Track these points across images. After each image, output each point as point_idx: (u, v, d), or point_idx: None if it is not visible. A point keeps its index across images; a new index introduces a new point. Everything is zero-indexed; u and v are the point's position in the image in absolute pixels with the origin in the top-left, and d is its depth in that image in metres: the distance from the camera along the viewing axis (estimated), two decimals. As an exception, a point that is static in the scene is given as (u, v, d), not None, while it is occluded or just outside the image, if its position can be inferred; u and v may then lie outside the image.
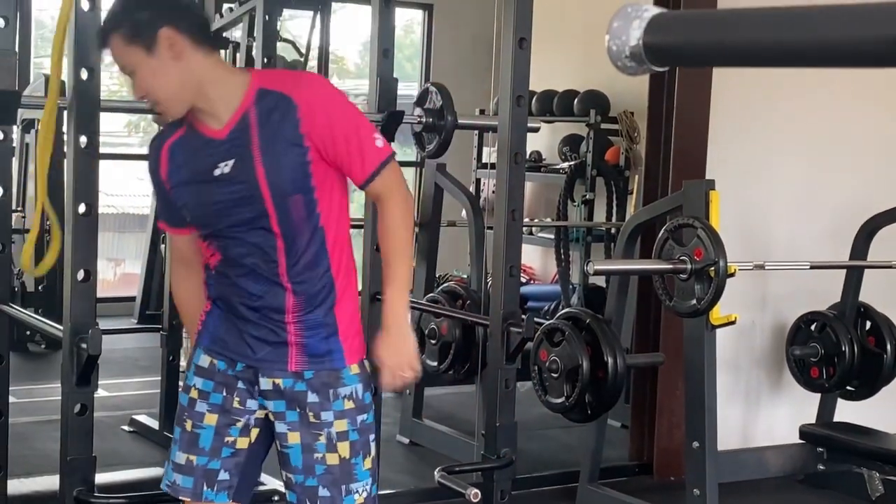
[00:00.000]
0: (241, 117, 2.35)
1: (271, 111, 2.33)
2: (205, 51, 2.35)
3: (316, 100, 2.33)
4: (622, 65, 0.97)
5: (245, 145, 2.34)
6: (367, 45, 4.94)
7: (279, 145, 2.32)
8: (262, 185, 2.33)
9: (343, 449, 2.42)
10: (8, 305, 3.47)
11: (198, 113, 2.37)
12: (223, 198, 2.36)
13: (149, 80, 2.31)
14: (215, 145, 2.36)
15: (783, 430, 4.94)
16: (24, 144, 6.64)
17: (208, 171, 2.36)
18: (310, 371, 2.41)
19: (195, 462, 2.48)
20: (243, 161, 2.34)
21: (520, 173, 3.63)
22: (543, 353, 3.89)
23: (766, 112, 4.93)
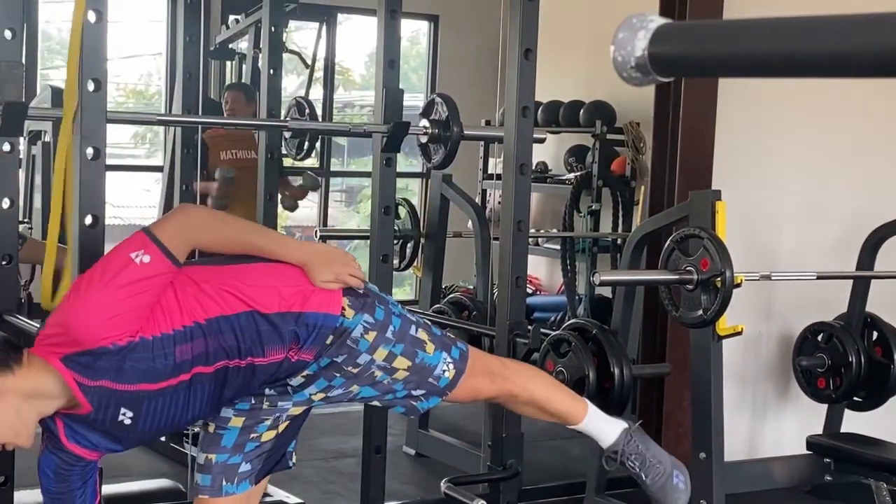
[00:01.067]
0: (81, 390, 2.29)
1: (92, 365, 2.28)
2: (7, 371, 2.29)
3: (90, 327, 2.26)
4: (628, 75, 0.97)
5: (115, 395, 2.31)
6: (373, 55, 4.94)
7: (126, 369, 2.29)
8: (158, 386, 2.32)
9: (401, 363, 2.49)
10: (14, 317, 3.47)
11: (54, 413, 2.35)
12: (157, 422, 2.37)
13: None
14: (97, 415, 2.34)
15: (790, 440, 4.93)
16: (30, 156, 6.66)
17: (119, 425, 2.35)
18: (325, 349, 2.43)
19: (214, 460, 2.51)
20: (131, 399, 2.32)
21: (526, 184, 3.63)
22: (550, 364, 3.88)
23: (772, 122, 4.93)
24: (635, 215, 6.53)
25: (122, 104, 8.84)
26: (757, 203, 4.87)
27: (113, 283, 2.26)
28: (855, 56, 0.84)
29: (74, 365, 2.27)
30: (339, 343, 2.42)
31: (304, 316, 2.40)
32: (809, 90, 4.83)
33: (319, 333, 2.41)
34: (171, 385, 2.32)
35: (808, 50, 0.87)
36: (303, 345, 2.40)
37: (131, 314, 2.26)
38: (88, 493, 2.48)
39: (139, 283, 2.26)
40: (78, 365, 2.27)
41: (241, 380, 2.37)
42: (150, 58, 8.87)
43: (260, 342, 2.35)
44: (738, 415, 4.87)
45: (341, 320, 2.43)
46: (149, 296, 2.28)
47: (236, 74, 7.86)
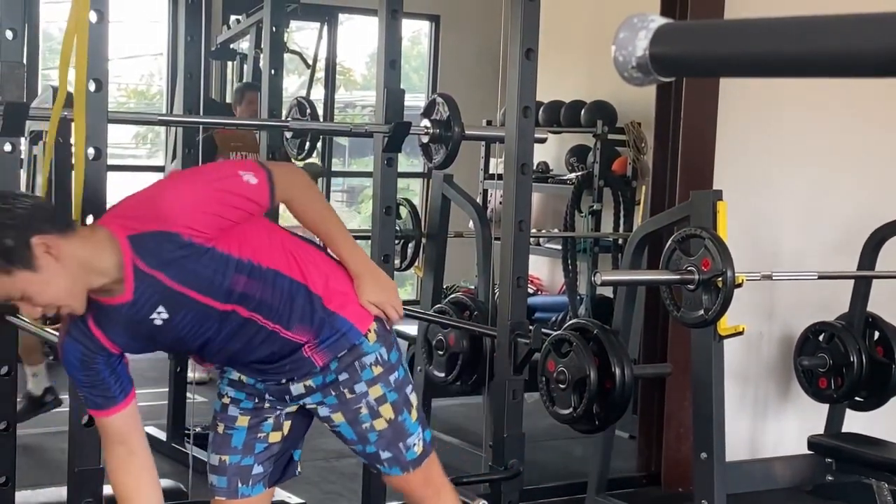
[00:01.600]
0: (133, 274, 2.30)
1: (159, 251, 2.29)
2: (70, 232, 2.31)
3: (179, 208, 2.29)
4: (629, 75, 0.97)
5: (158, 290, 2.32)
6: (374, 56, 4.95)
7: (187, 268, 2.30)
8: (203, 300, 2.34)
9: (386, 411, 2.53)
10: (15, 317, 3.47)
11: (95, 293, 2.34)
12: (180, 333, 2.38)
13: (45, 293, 2.27)
14: (130, 307, 2.33)
15: (791, 440, 4.93)
16: (31, 156, 6.66)
17: (148, 324, 2.36)
18: (334, 361, 2.48)
19: (228, 461, 2.56)
20: (173, 300, 2.33)
21: (527, 184, 3.63)
22: (551, 364, 3.88)
23: (773, 122, 4.93)
24: (636, 215, 6.53)
25: (123, 104, 8.84)
26: (758, 203, 4.87)
27: (215, 183, 2.34)
28: (856, 56, 0.84)
29: (138, 246, 2.29)
30: (349, 360, 2.49)
31: (336, 317, 2.48)
32: (810, 90, 4.83)
33: (339, 341, 2.48)
34: (210, 304, 2.35)
35: (810, 50, 0.87)
36: (320, 343, 2.46)
37: (217, 219, 2.30)
38: (123, 380, 2.48)
39: (237, 196, 2.32)
40: (141, 247, 2.29)
41: (260, 341, 2.42)
42: (152, 58, 8.88)
43: (292, 314, 2.41)
44: (740, 415, 4.87)
45: (362, 340, 2.50)
46: (238, 213, 2.33)
47: (237, 74, 7.86)
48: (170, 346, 2.54)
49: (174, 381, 4.88)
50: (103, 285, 2.32)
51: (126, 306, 2.34)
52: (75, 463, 2.96)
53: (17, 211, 2.24)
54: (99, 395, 2.46)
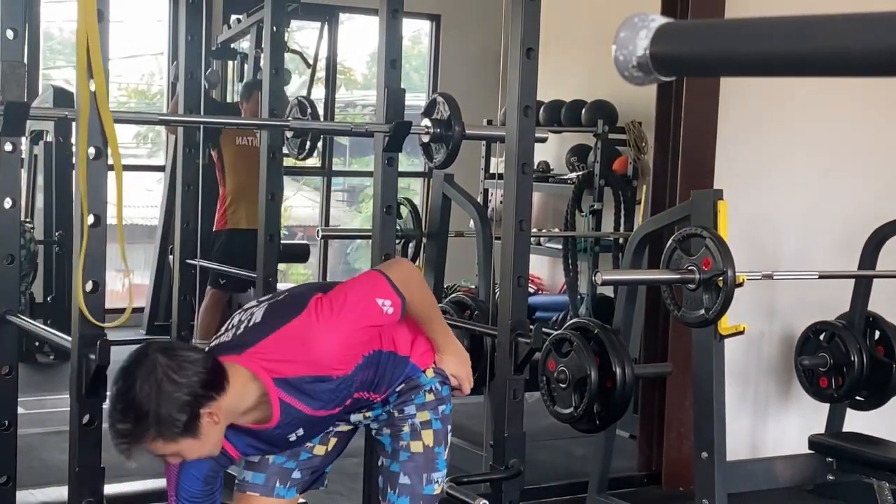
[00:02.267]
0: (280, 407, 2.37)
1: (308, 389, 2.36)
2: (223, 391, 2.31)
3: (332, 354, 2.36)
4: (629, 75, 0.97)
5: (302, 417, 2.41)
6: (375, 55, 4.94)
7: (325, 396, 2.40)
8: (332, 412, 2.45)
9: (427, 437, 2.60)
10: (16, 316, 3.47)
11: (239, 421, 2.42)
12: (306, 440, 2.54)
13: (196, 452, 2.32)
14: (275, 430, 2.42)
15: (792, 440, 4.93)
16: (32, 156, 6.67)
17: (284, 440, 2.47)
18: (394, 395, 2.60)
19: (271, 460, 2.60)
20: (312, 422, 2.44)
21: (527, 183, 3.63)
22: (552, 364, 3.88)
23: (774, 122, 4.93)
24: (637, 215, 6.53)
25: (123, 104, 8.84)
26: (759, 202, 4.87)
27: (361, 321, 2.39)
28: (857, 55, 0.84)
29: (282, 384, 2.34)
30: (405, 389, 2.59)
31: (409, 364, 2.60)
32: (811, 89, 4.83)
33: (402, 380, 2.59)
34: (338, 410, 2.47)
35: (811, 49, 0.87)
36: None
37: (359, 349, 2.42)
38: (217, 492, 2.58)
39: (377, 327, 2.44)
40: (286, 385, 2.34)
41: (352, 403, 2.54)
42: (152, 57, 8.88)
43: (383, 380, 2.55)
44: (740, 414, 4.87)
45: (420, 374, 2.61)
46: (373, 336, 2.47)
47: (238, 74, 7.86)
48: (284, 448, 2.59)
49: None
50: (250, 421, 2.41)
51: (268, 430, 2.43)
52: (76, 463, 2.96)
53: (192, 381, 2.24)
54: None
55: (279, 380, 2.34)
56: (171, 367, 2.24)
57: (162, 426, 2.21)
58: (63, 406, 3.25)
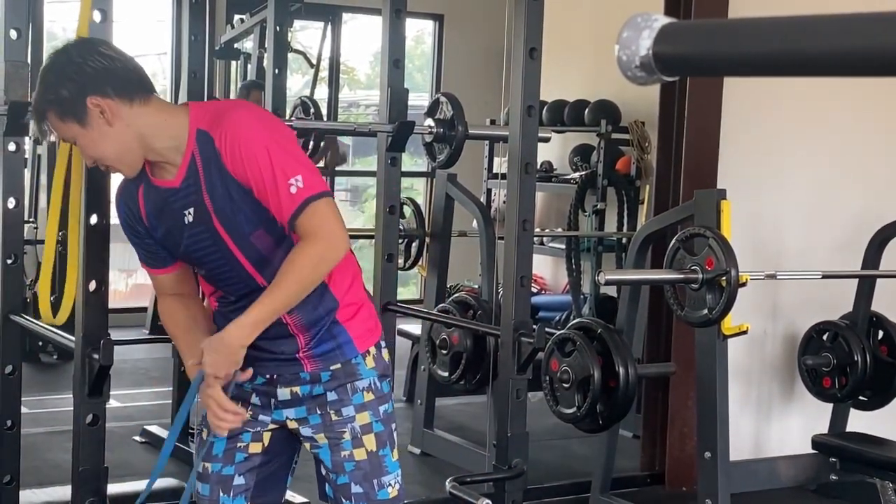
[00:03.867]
0: (189, 163, 2.32)
1: (211, 156, 2.30)
2: (139, 101, 2.32)
3: (229, 135, 2.27)
4: (632, 75, 0.97)
5: (197, 192, 2.32)
6: (378, 55, 4.94)
7: (223, 191, 2.29)
8: (219, 230, 2.32)
9: (369, 442, 2.45)
10: (20, 316, 3.47)
11: (151, 165, 2.37)
12: (194, 245, 2.37)
13: (92, 148, 2.33)
14: (173, 194, 2.35)
15: (795, 440, 4.93)
16: (35, 156, 6.67)
17: (179, 218, 2.36)
18: (325, 373, 2.41)
19: (210, 469, 2.49)
20: (199, 209, 2.33)
21: (530, 183, 3.63)
22: (555, 364, 3.88)
23: (777, 121, 4.92)
24: (640, 214, 6.53)
25: (127, 104, 8.83)
26: (762, 202, 4.86)
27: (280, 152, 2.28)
28: (862, 54, 0.83)
29: (202, 143, 2.30)
30: (341, 379, 2.42)
31: (338, 326, 2.41)
32: (815, 89, 4.83)
33: (334, 353, 2.41)
34: (226, 243, 2.34)
35: (815, 48, 0.86)
36: (314, 347, 2.40)
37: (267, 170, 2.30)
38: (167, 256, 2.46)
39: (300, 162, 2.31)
40: (205, 145, 2.30)
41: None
42: (156, 57, 8.88)
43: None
44: (744, 414, 4.87)
45: (359, 359, 2.43)
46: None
47: (241, 74, 7.86)
48: (185, 251, 2.40)
49: (178, 380, 4.88)
50: (157, 162, 2.35)
51: (169, 192, 2.35)
52: (79, 462, 2.96)
53: (86, 68, 2.29)
54: (146, 254, 2.47)
55: (202, 133, 2.29)
56: (85, 51, 2.34)
57: (50, 97, 2.29)
58: (66, 406, 3.26)
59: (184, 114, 2.34)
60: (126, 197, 2.44)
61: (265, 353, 2.40)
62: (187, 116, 2.33)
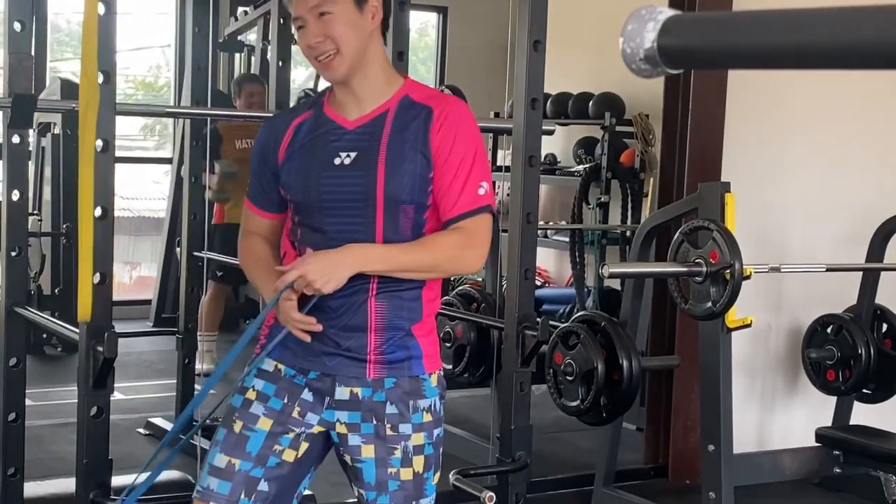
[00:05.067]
0: (378, 115, 2.31)
1: (411, 118, 2.29)
2: (383, 39, 2.37)
3: (451, 119, 2.29)
4: (636, 67, 0.97)
5: (373, 141, 2.28)
6: (382, 48, 4.93)
7: (407, 151, 2.27)
8: (378, 185, 2.26)
9: (418, 463, 2.35)
10: (24, 308, 3.48)
11: (340, 95, 2.35)
12: (334, 189, 2.28)
13: (343, 29, 2.26)
14: (341, 134, 2.32)
15: (799, 433, 4.93)
16: (39, 148, 6.68)
17: (328, 158, 2.30)
18: (390, 379, 2.31)
19: (237, 466, 2.32)
20: (367, 156, 2.27)
21: (535, 176, 3.63)
22: (558, 356, 3.88)
23: (782, 114, 4.92)
24: (644, 207, 6.53)
25: (131, 96, 8.85)
26: (766, 195, 4.86)
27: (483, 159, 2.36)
28: (870, 47, 0.83)
29: (403, 95, 2.33)
30: (405, 392, 2.32)
31: (413, 340, 2.34)
32: (820, 81, 4.82)
33: (403, 364, 2.32)
34: (376, 207, 2.28)
35: (821, 41, 0.86)
36: (386, 352, 2.31)
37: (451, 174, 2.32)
38: (280, 202, 2.40)
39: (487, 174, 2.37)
40: (404, 101, 2.32)
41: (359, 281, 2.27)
42: (160, 50, 8.88)
43: (400, 297, 2.32)
44: (747, 407, 4.87)
45: (427, 378, 2.36)
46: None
47: (245, 66, 7.86)
48: (318, 193, 2.29)
49: (182, 372, 4.88)
50: (346, 93, 2.33)
51: (336, 126, 2.33)
52: (83, 454, 2.97)
53: None
54: (259, 190, 2.42)
55: (407, 100, 2.32)
56: None
57: None
58: (71, 398, 3.26)
59: (399, 77, 2.38)
60: (276, 122, 2.42)
61: (329, 346, 2.30)
62: (401, 81, 2.36)
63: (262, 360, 2.37)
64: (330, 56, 2.27)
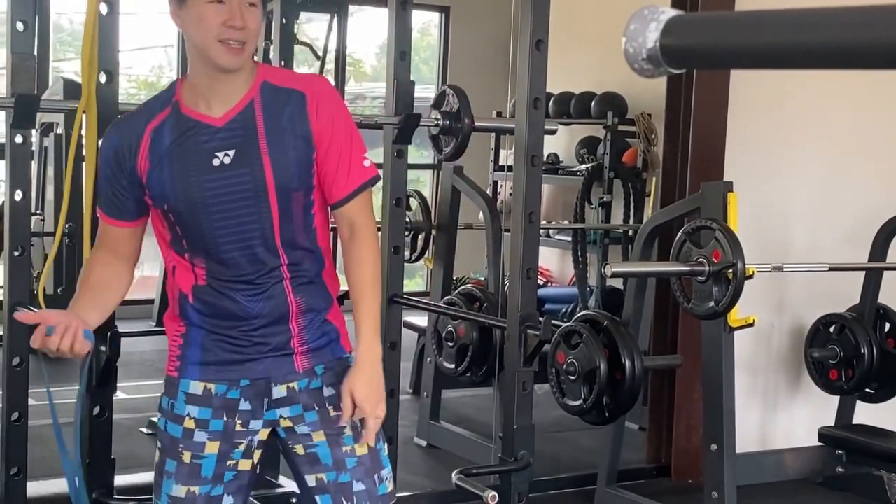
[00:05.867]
0: (244, 107, 2.25)
1: (281, 105, 2.24)
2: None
3: (324, 100, 2.27)
4: (639, 67, 0.97)
5: (249, 136, 2.22)
6: (384, 47, 4.94)
7: (287, 138, 2.23)
8: (267, 178, 2.22)
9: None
10: (27, 308, 3.48)
11: (204, 90, 2.25)
12: (220, 191, 2.22)
13: (258, 25, 2.24)
14: (211, 132, 2.23)
15: (802, 432, 4.93)
16: (42, 148, 6.68)
17: (205, 160, 2.22)
18: (319, 366, 2.33)
19: (197, 492, 2.32)
20: (247, 152, 2.22)
21: (537, 175, 3.63)
22: (561, 356, 3.88)
23: (784, 113, 4.91)
24: (647, 207, 6.52)
25: (133, 96, 8.86)
26: (769, 194, 4.86)
27: (357, 131, 2.35)
28: (871, 47, 0.83)
29: (266, 90, 2.27)
30: (337, 373, 2.33)
31: (329, 325, 2.35)
32: (822, 81, 4.82)
33: (325, 350, 2.34)
34: (268, 195, 2.24)
35: (823, 41, 0.86)
36: (308, 342, 2.32)
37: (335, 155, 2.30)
38: (137, 207, 2.31)
39: (359, 148, 2.33)
40: (270, 92, 2.27)
41: (263, 271, 2.27)
42: (162, 49, 8.88)
43: (305, 282, 2.31)
44: (750, 406, 4.87)
45: (349, 356, 2.36)
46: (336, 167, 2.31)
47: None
48: (202, 197, 2.22)
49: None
50: (204, 90, 2.25)
51: (204, 127, 2.24)
52: (86, 454, 2.97)
53: None
54: (112, 199, 2.32)
55: (268, 85, 2.26)
56: None
57: None
58: (74, 398, 3.26)
59: (251, 63, 2.30)
60: (126, 129, 2.29)
61: (252, 351, 2.30)
62: (254, 67, 2.29)
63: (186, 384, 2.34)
64: (240, 46, 2.20)
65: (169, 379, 2.37)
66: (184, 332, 2.33)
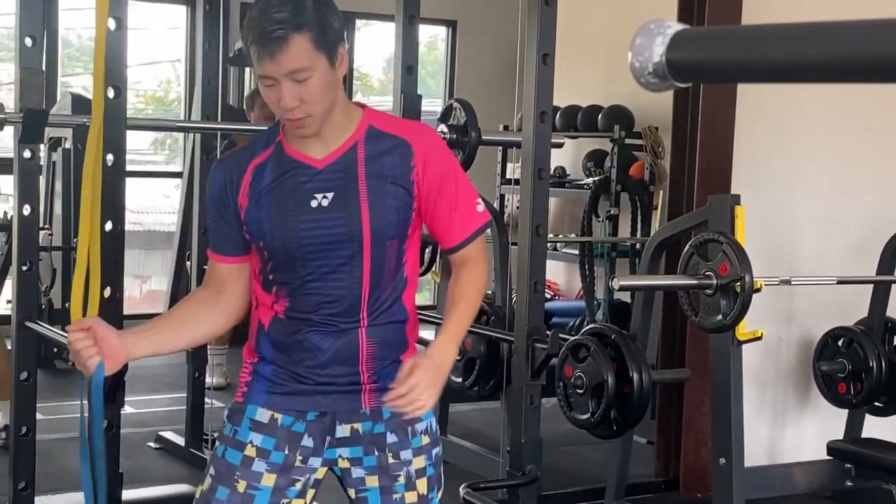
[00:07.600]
0: (347, 150, 2.23)
1: (383, 152, 2.22)
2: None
3: (432, 154, 2.24)
4: (645, 81, 0.97)
5: (349, 179, 2.20)
6: (392, 61, 4.95)
7: (388, 186, 2.21)
8: (364, 223, 2.20)
9: (421, 486, 2.35)
10: (35, 323, 3.49)
11: (292, 135, 2.24)
12: (316, 232, 2.20)
13: (319, 92, 2.13)
14: (312, 174, 2.22)
15: (810, 446, 4.91)
16: (50, 162, 6.70)
17: (304, 201, 2.21)
18: (387, 410, 2.26)
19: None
20: (346, 195, 2.20)
21: (544, 189, 3.63)
22: (568, 369, 3.88)
23: (791, 126, 4.91)
24: (654, 220, 6.52)
25: (141, 111, 8.88)
26: (776, 207, 4.85)
27: (467, 179, 2.34)
28: (878, 60, 0.83)
29: (370, 137, 2.24)
30: (402, 421, 2.29)
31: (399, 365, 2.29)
32: (829, 94, 4.82)
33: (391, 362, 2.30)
34: (362, 240, 2.22)
35: (830, 55, 0.86)
36: (378, 380, 2.28)
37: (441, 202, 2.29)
38: (242, 244, 2.30)
39: (473, 200, 2.33)
40: (373, 139, 2.24)
41: (344, 306, 2.25)
42: (170, 64, 8.91)
43: (382, 324, 2.29)
44: (758, 420, 4.86)
45: None
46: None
47: (255, 81, 7.86)
48: (297, 238, 2.21)
49: (192, 386, 4.89)
50: (321, 135, 2.22)
51: (305, 168, 2.23)
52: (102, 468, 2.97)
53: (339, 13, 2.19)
54: (219, 236, 2.31)
55: (373, 130, 2.24)
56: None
57: (315, 17, 2.11)
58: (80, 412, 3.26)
59: (357, 107, 2.29)
60: (230, 166, 2.29)
61: (321, 384, 2.27)
62: (360, 111, 2.27)
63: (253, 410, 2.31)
64: (303, 121, 2.16)
65: (235, 406, 2.34)
66: (255, 361, 2.33)
